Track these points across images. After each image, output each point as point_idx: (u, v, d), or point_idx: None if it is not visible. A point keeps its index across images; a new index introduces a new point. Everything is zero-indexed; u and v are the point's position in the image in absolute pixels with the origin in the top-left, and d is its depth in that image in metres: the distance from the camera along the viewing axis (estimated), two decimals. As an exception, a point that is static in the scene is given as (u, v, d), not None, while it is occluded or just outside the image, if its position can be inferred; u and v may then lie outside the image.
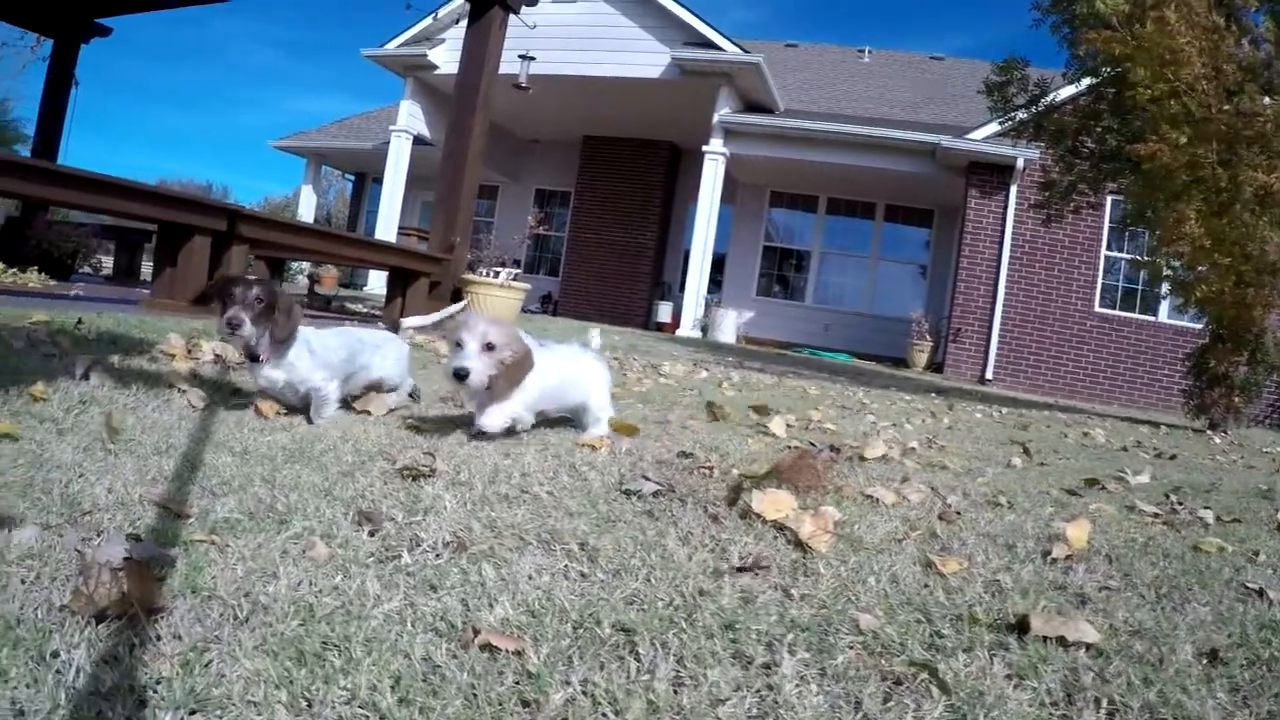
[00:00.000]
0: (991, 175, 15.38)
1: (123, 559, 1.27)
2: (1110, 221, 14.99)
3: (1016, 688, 1.27)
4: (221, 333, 2.66)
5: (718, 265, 18.67)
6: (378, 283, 17.94)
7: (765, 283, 20.11)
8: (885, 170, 16.38)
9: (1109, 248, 15.27)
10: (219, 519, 1.60)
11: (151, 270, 6.85)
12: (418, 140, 18.23)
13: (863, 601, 1.56)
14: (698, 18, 16.10)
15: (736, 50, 15.83)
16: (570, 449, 2.74)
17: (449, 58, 16.79)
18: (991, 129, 14.36)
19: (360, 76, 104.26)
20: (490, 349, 2.59)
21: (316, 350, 2.82)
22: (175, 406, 2.63)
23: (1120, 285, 15.45)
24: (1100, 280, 15.31)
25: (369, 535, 1.62)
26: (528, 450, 2.63)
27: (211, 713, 0.98)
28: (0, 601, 1.14)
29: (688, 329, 16.41)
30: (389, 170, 18.16)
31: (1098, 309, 15.30)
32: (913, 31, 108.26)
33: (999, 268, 15.32)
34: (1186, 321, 14.06)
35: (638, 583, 1.53)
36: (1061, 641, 1.44)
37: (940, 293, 18.14)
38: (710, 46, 16.00)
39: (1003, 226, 15.31)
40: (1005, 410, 8.09)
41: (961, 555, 1.92)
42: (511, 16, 9.09)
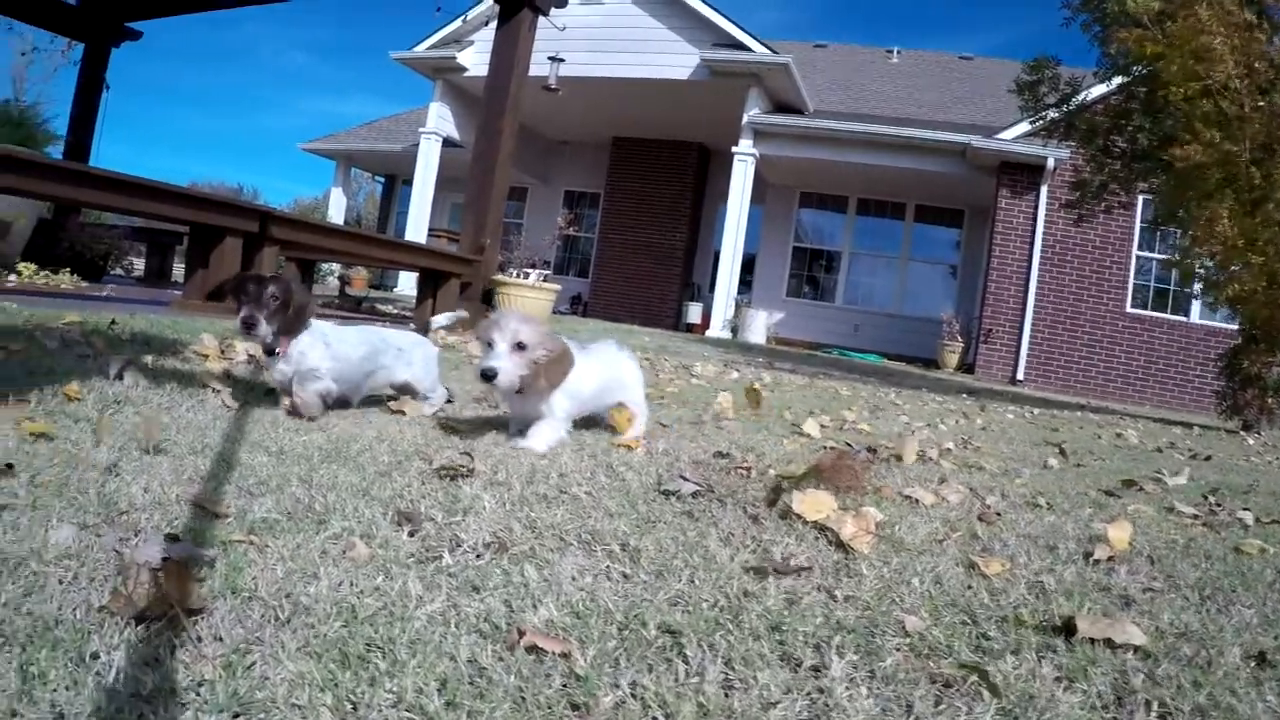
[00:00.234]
0: (1022, 175, 15.30)
1: (161, 559, 1.25)
2: (1142, 221, 14.85)
3: (1066, 690, 1.25)
4: (238, 332, 2.66)
5: (747, 266, 18.62)
6: (408, 284, 18.06)
7: (795, 283, 20.05)
8: (915, 170, 16.30)
9: (1140, 247, 15.16)
10: (257, 519, 1.58)
11: (184, 272, 6.89)
12: (447, 142, 18.32)
13: (907, 603, 1.55)
14: (726, 18, 16.07)
15: (765, 51, 15.80)
16: (606, 449, 2.73)
17: (478, 60, 16.86)
18: (1022, 128, 14.27)
19: (389, 79, 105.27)
20: (521, 348, 2.53)
21: (333, 345, 2.81)
22: (209, 406, 2.63)
23: (1152, 285, 15.33)
24: (1132, 280, 15.19)
25: (409, 535, 1.60)
26: (564, 450, 2.62)
27: (255, 716, 0.95)
28: (38, 602, 1.13)
29: (717, 330, 16.39)
30: (418, 172, 18.26)
31: (1129, 309, 15.19)
32: (941, 31, 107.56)
33: (1030, 268, 15.23)
34: (1219, 322, 13.95)
35: (681, 584, 1.51)
36: (1108, 643, 1.42)
37: (971, 293, 18.01)
38: (739, 47, 15.96)
39: (1033, 226, 15.22)
40: (1037, 411, 8.03)
41: (1003, 556, 1.92)
42: (540, 18, 9.09)
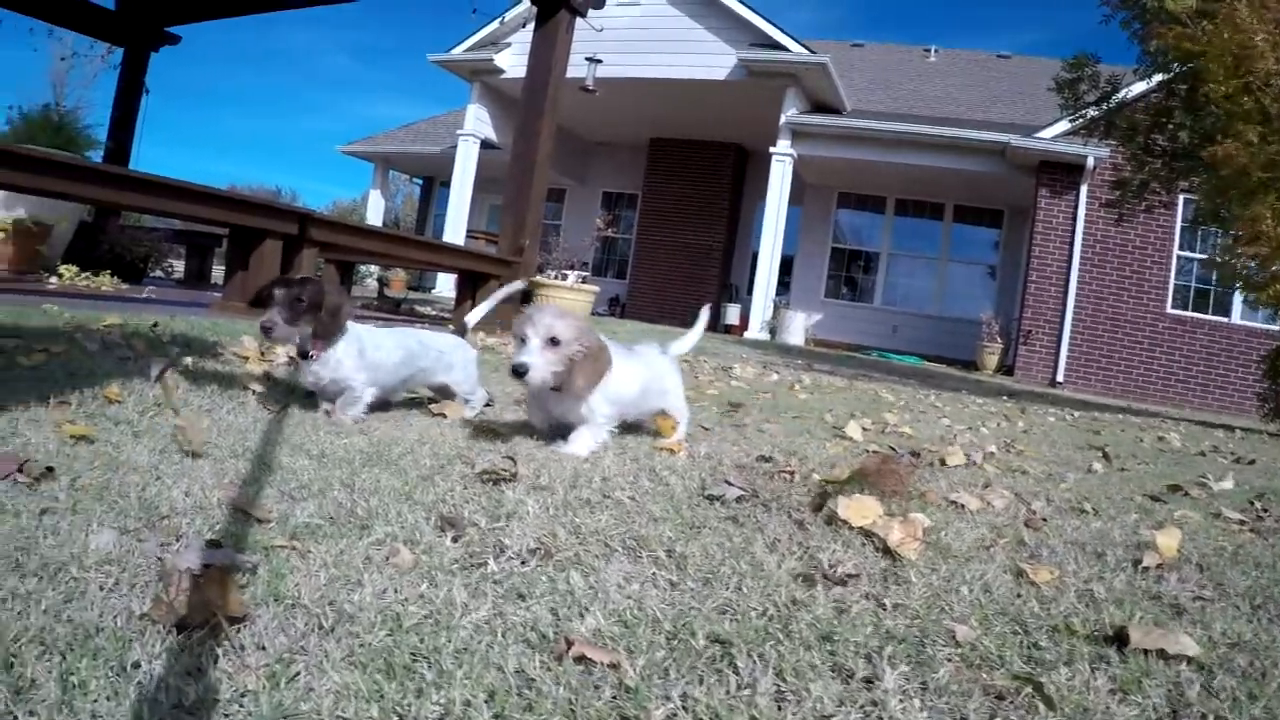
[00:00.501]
0: (1062, 174, 15.10)
1: (203, 565, 1.23)
2: (1182, 220, 14.60)
3: (1121, 702, 1.22)
4: (258, 336, 2.65)
5: (785, 267, 18.47)
6: (446, 285, 18.13)
7: (833, 284, 19.93)
8: (954, 170, 16.14)
9: (1181, 247, 14.90)
10: (299, 524, 1.56)
11: (224, 274, 6.94)
12: (485, 144, 18.36)
13: (957, 612, 1.51)
14: (763, 18, 16.00)
15: (803, 51, 15.70)
16: (649, 452, 2.70)
17: (515, 62, 16.90)
18: (1061, 127, 14.09)
19: (427, 81, 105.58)
20: (555, 344, 2.42)
21: (368, 350, 2.79)
22: (249, 409, 2.63)
23: (1193, 286, 15.06)
24: (1172, 280, 14.94)
25: (452, 541, 1.57)
26: (606, 454, 2.58)
27: (299, 729, 0.93)
28: (79, 609, 1.11)
29: (756, 331, 16.31)
30: (456, 174, 18.32)
31: (1170, 310, 14.93)
32: (977, 30, 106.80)
33: (1070, 268, 15.04)
34: (1260, 323, 13.70)
35: (729, 591, 1.48)
36: (1161, 654, 1.39)
37: (1010, 294, 17.80)
38: (776, 47, 15.88)
39: (1073, 226, 15.02)
40: (1078, 414, 7.92)
41: (1052, 564, 1.88)
42: (578, 20, 9.07)
